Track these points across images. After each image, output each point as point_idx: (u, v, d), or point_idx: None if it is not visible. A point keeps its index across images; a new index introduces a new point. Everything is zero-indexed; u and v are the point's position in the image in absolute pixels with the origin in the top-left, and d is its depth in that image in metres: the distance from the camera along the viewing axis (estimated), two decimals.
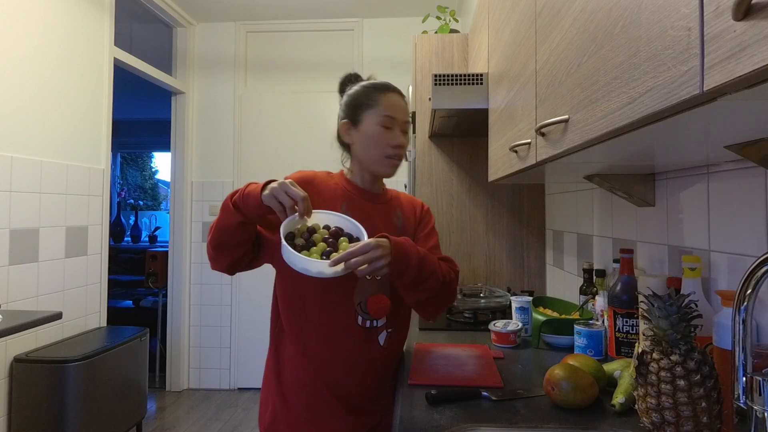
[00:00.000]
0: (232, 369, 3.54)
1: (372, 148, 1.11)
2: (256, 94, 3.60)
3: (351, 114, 1.14)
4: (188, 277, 3.58)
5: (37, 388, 2.07)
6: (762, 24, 0.34)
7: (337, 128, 1.19)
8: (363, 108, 1.12)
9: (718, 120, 0.53)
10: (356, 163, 1.17)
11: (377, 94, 1.12)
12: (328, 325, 1.08)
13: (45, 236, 2.29)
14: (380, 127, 1.10)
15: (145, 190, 6.73)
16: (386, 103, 1.11)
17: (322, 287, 1.06)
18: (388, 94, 1.12)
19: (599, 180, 1.21)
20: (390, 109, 1.11)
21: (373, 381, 1.12)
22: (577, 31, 0.74)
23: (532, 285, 2.24)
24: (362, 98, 1.13)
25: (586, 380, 0.91)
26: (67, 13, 2.43)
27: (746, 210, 0.86)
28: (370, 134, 1.10)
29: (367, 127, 1.11)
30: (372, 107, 1.11)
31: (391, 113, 1.10)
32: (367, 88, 1.14)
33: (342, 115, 1.16)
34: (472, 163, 2.30)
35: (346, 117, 1.15)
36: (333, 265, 0.92)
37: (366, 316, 1.09)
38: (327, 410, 1.07)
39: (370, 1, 3.30)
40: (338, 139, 1.20)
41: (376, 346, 1.11)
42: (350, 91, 1.17)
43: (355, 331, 1.09)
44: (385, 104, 1.11)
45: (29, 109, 2.20)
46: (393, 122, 1.11)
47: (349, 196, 1.14)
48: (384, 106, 1.11)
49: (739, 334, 0.59)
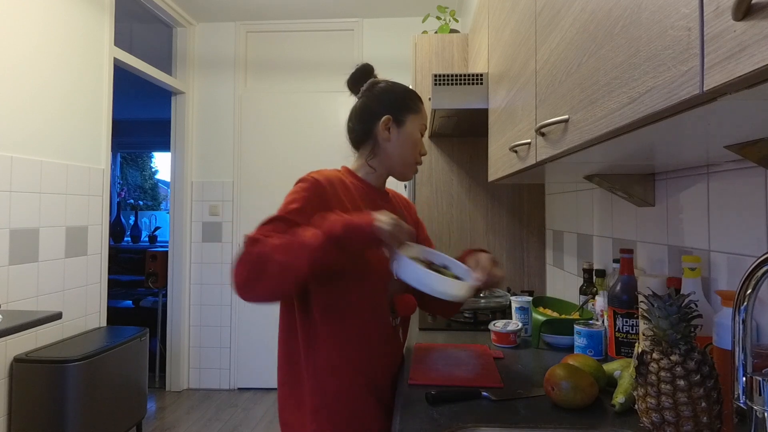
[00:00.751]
0: (232, 369, 3.54)
1: (409, 151, 1.14)
2: (256, 94, 3.60)
3: (396, 112, 1.13)
4: (188, 277, 3.58)
5: (37, 388, 2.07)
6: (762, 24, 0.34)
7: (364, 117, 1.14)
8: (408, 110, 1.14)
9: (718, 120, 0.53)
10: (380, 161, 1.14)
11: (418, 101, 1.17)
12: (370, 329, 1.06)
13: (45, 236, 2.29)
14: (419, 133, 1.16)
15: (145, 190, 6.73)
16: (423, 112, 1.17)
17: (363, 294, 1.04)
18: (421, 103, 1.18)
19: (599, 180, 1.21)
20: (425, 119, 1.18)
21: (396, 378, 1.14)
22: (577, 31, 0.74)
23: (532, 285, 2.24)
24: (408, 100, 1.15)
25: (586, 380, 0.91)
26: (67, 13, 2.43)
27: (746, 210, 0.86)
28: (412, 138, 1.14)
29: (410, 129, 1.14)
30: (415, 113, 1.15)
31: (425, 123, 1.18)
32: (408, 91, 1.17)
33: (383, 110, 1.12)
34: (472, 163, 2.30)
35: (390, 113, 1.12)
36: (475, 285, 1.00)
37: (393, 315, 1.11)
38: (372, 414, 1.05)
39: (370, 1, 3.30)
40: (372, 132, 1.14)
41: (398, 343, 1.15)
42: (387, 86, 1.16)
43: (389, 331, 1.10)
44: (423, 113, 1.17)
45: (29, 109, 2.20)
46: (424, 131, 1.18)
47: (367, 196, 1.13)
48: (423, 115, 1.17)
49: (739, 334, 0.59)
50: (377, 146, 1.14)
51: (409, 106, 1.14)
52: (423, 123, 1.16)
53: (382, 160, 1.14)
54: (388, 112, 1.12)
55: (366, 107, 1.15)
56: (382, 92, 1.15)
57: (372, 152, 1.15)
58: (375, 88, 1.17)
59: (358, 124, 1.16)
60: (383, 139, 1.13)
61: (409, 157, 1.14)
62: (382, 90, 1.16)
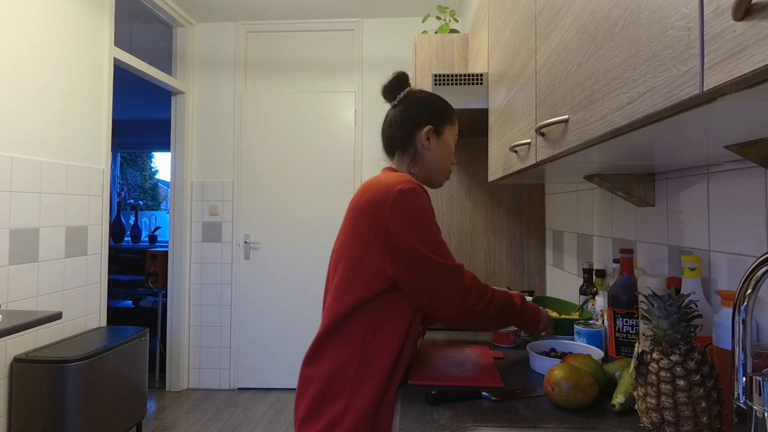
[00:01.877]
0: (232, 369, 3.54)
1: (445, 160, 1.19)
2: (256, 94, 3.60)
3: (437, 122, 1.18)
4: (188, 277, 3.58)
5: (37, 388, 2.07)
6: (762, 24, 0.34)
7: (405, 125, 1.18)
8: (446, 121, 1.19)
9: (718, 120, 0.53)
10: (420, 169, 1.19)
11: (453, 113, 1.21)
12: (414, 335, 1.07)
13: (45, 236, 2.29)
14: (453, 143, 1.20)
15: (145, 190, 6.73)
16: (456, 124, 1.21)
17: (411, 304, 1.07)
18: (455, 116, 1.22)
19: (599, 180, 1.21)
20: (457, 130, 1.23)
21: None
22: (577, 31, 0.75)
23: (532, 285, 2.25)
24: (447, 114, 1.20)
25: (586, 380, 0.91)
26: (67, 13, 2.43)
27: (746, 210, 0.86)
28: (449, 148, 1.19)
29: (448, 139, 1.19)
30: (452, 123, 1.20)
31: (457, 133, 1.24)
32: (446, 103, 1.22)
33: (425, 119, 1.16)
34: (472, 163, 2.30)
35: (431, 123, 1.17)
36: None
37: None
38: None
39: (370, 1, 3.30)
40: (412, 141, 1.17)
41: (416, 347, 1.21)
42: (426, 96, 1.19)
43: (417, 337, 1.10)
44: (456, 125, 1.21)
45: (29, 109, 2.20)
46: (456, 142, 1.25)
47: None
48: (456, 126, 1.21)
49: (739, 334, 0.59)
50: (418, 154, 1.17)
51: (448, 117, 1.19)
52: (456, 134, 1.22)
53: (422, 169, 1.18)
54: (430, 122, 1.16)
55: (407, 115, 1.18)
56: (422, 102, 1.18)
57: (413, 160, 1.18)
58: (413, 96, 1.20)
59: (398, 131, 1.18)
60: (423, 147, 1.17)
61: (446, 165, 1.20)
62: (421, 99, 1.19)
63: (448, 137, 1.19)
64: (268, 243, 3.56)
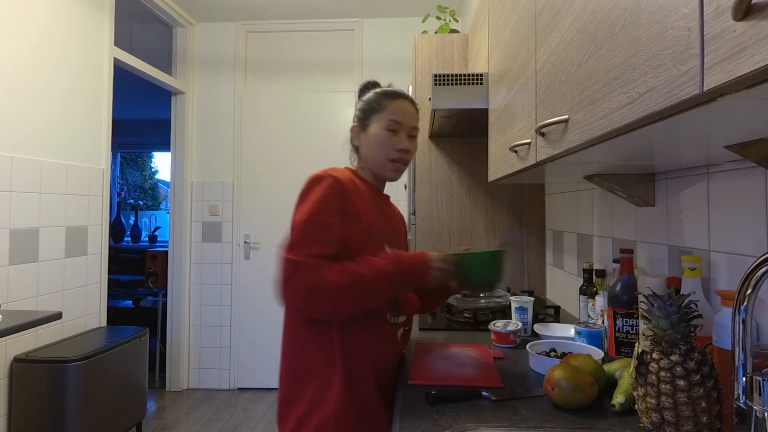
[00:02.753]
0: (232, 369, 3.54)
1: (377, 150, 1.14)
2: (256, 94, 3.60)
3: (361, 118, 1.18)
4: (188, 277, 3.58)
5: (37, 388, 2.07)
6: (762, 24, 0.34)
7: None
8: (372, 113, 1.16)
9: (718, 120, 0.53)
10: (363, 165, 1.21)
11: (387, 99, 1.16)
12: (371, 323, 1.07)
13: (45, 236, 2.29)
14: (386, 130, 1.13)
15: (145, 190, 6.73)
16: (394, 108, 1.14)
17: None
18: (397, 100, 1.16)
19: (599, 180, 1.21)
20: (397, 113, 1.14)
21: (394, 377, 1.15)
22: (577, 31, 0.75)
23: (532, 285, 2.25)
24: (373, 104, 1.17)
25: (586, 380, 0.91)
26: (67, 13, 2.43)
27: (746, 210, 0.86)
28: (377, 137, 1.14)
29: (374, 130, 1.14)
30: (380, 112, 1.15)
31: (398, 118, 1.13)
32: (378, 94, 1.17)
33: (354, 120, 1.21)
34: (472, 163, 2.30)
35: (357, 121, 1.19)
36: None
37: (393, 313, 1.12)
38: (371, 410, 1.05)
39: (370, 1, 3.30)
40: (351, 142, 1.24)
41: (397, 342, 1.15)
42: (364, 97, 1.20)
43: (386, 329, 1.11)
44: (392, 109, 1.14)
45: (29, 109, 2.20)
46: (399, 126, 1.14)
47: (374, 198, 1.16)
48: (391, 111, 1.14)
49: (739, 334, 0.59)
50: (358, 153, 1.21)
51: (373, 108, 1.16)
52: (390, 119, 1.13)
53: (365, 164, 1.20)
54: (356, 121, 1.20)
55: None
56: (358, 103, 1.21)
57: (358, 158, 1.22)
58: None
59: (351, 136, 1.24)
60: (357, 146, 1.20)
61: (379, 156, 1.14)
62: (359, 101, 1.22)
63: (374, 128, 1.14)
64: (268, 243, 3.56)
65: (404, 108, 1.15)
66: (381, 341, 1.08)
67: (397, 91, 1.18)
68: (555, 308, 1.77)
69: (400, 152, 1.13)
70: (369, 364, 1.05)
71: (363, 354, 1.05)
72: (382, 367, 1.09)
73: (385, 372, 1.10)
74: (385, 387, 1.11)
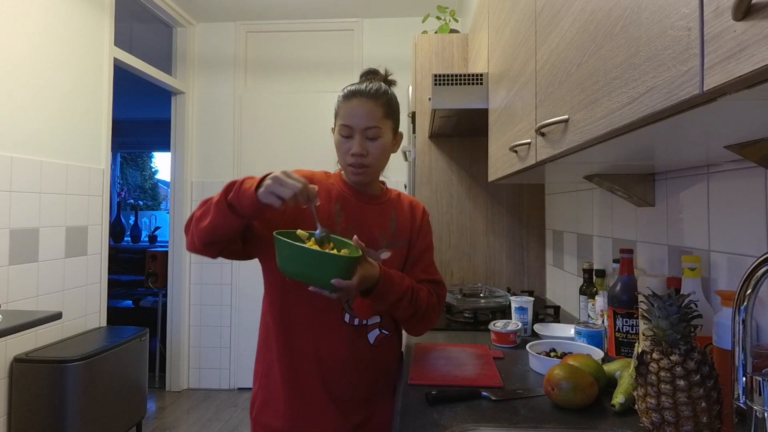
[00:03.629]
0: (232, 369, 3.54)
1: (338, 155, 1.14)
2: (256, 94, 3.60)
3: (334, 120, 1.16)
4: (188, 277, 3.58)
5: (37, 388, 2.07)
6: (762, 24, 0.34)
7: None
8: (335, 116, 1.15)
9: (718, 120, 0.53)
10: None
11: (341, 102, 1.12)
12: (314, 321, 1.08)
13: (45, 236, 2.29)
14: (339, 135, 1.11)
15: (145, 190, 6.73)
16: (345, 110, 1.10)
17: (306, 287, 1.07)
18: (350, 100, 1.10)
19: (599, 180, 1.21)
20: (346, 117, 1.09)
21: (363, 379, 1.11)
22: (577, 31, 0.75)
23: (532, 285, 2.25)
24: (335, 106, 1.15)
25: (586, 380, 0.91)
26: (67, 13, 2.43)
27: (746, 210, 0.86)
28: (335, 142, 1.13)
29: (335, 134, 1.14)
30: (338, 115, 1.13)
31: (347, 122, 1.09)
32: (339, 95, 1.14)
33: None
34: (472, 163, 2.30)
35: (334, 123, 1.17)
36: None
37: (352, 314, 1.10)
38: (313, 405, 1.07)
39: (370, 1, 3.30)
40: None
41: (364, 344, 1.11)
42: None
43: (341, 328, 1.09)
44: (343, 112, 1.10)
45: (29, 109, 2.20)
46: (350, 131, 1.09)
47: (344, 197, 1.14)
48: (342, 114, 1.10)
49: (739, 334, 0.59)
50: None
51: (335, 111, 1.14)
52: (341, 123, 1.10)
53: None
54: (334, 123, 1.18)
55: None
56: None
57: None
58: None
59: None
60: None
61: (340, 161, 1.14)
62: None
63: (335, 132, 1.13)
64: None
65: (354, 109, 1.08)
66: (329, 339, 1.08)
67: (355, 89, 1.11)
68: (555, 308, 1.77)
69: (354, 156, 1.09)
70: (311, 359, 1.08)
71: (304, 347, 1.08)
72: (330, 365, 1.08)
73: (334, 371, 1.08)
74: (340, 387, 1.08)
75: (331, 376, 1.08)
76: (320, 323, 1.09)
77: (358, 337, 1.10)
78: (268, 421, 1.09)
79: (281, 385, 1.08)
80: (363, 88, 1.11)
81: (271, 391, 1.10)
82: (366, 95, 1.10)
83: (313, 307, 1.08)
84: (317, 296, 1.03)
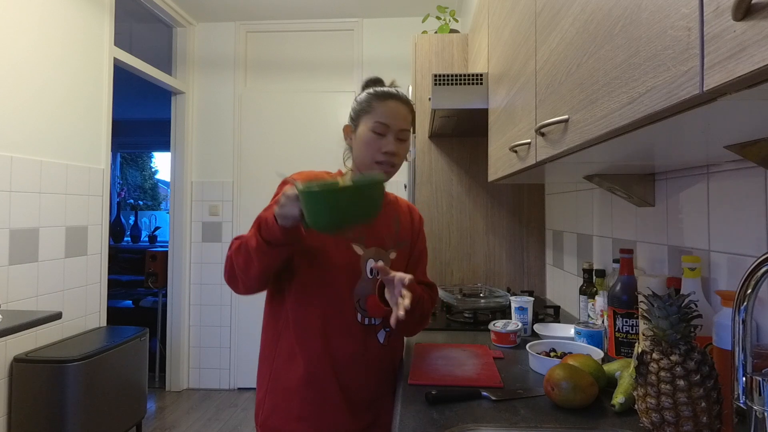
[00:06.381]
0: (232, 369, 3.54)
1: (364, 152, 1.13)
2: (256, 94, 3.60)
3: (353, 118, 1.18)
4: (188, 277, 3.58)
5: (37, 388, 2.07)
6: (762, 24, 0.34)
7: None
8: (362, 113, 1.15)
9: (718, 120, 0.53)
10: (352, 162, 1.21)
11: (376, 101, 1.13)
12: (331, 321, 1.09)
13: (45, 236, 2.29)
14: (372, 132, 1.12)
15: (145, 190, 6.73)
16: (382, 110, 1.12)
17: (327, 282, 1.09)
18: (387, 101, 1.13)
19: (599, 180, 1.21)
20: (384, 116, 1.11)
21: (373, 378, 1.13)
22: (576, 31, 0.74)
23: (532, 285, 2.25)
24: (364, 104, 1.15)
25: (586, 380, 0.91)
26: (66, 12, 2.43)
27: (746, 210, 0.86)
28: (364, 139, 1.13)
29: (362, 131, 1.14)
30: (369, 113, 1.13)
31: (385, 120, 1.11)
32: (369, 94, 1.16)
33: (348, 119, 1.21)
34: (472, 163, 2.30)
35: (350, 120, 1.19)
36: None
37: (364, 314, 1.12)
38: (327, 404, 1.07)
39: (370, 1, 3.30)
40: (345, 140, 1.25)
41: (375, 343, 1.14)
42: (358, 96, 1.19)
43: (355, 328, 1.11)
44: (380, 111, 1.12)
45: (29, 109, 2.20)
46: (386, 129, 1.11)
47: None
48: (379, 113, 1.12)
49: (739, 334, 0.59)
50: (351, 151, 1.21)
51: (363, 109, 1.15)
52: (377, 121, 1.11)
53: (353, 162, 1.20)
54: (349, 120, 1.20)
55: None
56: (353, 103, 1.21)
57: (349, 156, 1.23)
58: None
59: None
60: (349, 146, 1.21)
61: (365, 158, 1.13)
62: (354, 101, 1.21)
63: (362, 129, 1.13)
64: None
65: (393, 109, 1.12)
66: (343, 339, 1.09)
67: (389, 91, 1.15)
68: (555, 308, 1.77)
69: (386, 155, 1.11)
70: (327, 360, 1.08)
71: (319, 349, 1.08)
72: (345, 365, 1.09)
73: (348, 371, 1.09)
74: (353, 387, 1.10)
75: (346, 376, 1.09)
76: (335, 325, 1.09)
77: (369, 337, 1.13)
78: (277, 425, 1.08)
79: (294, 389, 1.07)
80: (395, 92, 1.16)
81: (280, 396, 1.09)
82: (400, 99, 1.15)
83: (330, 308, 1.09)
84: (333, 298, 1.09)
